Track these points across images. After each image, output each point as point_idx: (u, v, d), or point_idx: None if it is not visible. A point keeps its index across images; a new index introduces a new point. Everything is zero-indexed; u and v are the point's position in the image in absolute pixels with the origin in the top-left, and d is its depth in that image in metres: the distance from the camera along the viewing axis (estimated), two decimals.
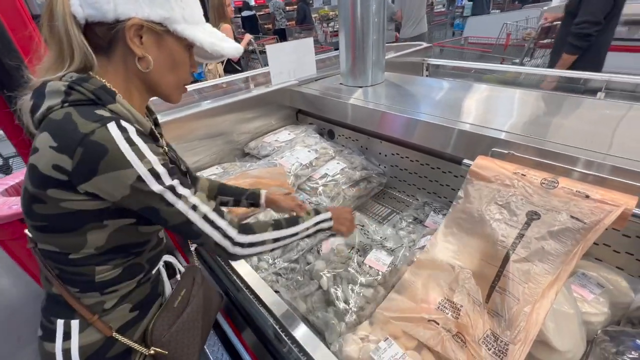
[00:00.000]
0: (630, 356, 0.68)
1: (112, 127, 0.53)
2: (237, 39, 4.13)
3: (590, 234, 0.74)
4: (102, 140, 0.52)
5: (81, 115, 0.53)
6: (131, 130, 0.55)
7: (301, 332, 0.79)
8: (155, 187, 0.56)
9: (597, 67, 2.21)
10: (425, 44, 2.66)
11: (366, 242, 1.11)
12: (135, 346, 0.71)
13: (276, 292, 0.97)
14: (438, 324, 0.75)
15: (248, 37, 4.06)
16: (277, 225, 0.74)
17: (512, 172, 0.90)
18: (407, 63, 2.46)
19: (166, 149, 0.75)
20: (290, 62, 1.84)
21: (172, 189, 0.58)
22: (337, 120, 1.69)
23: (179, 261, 0.92)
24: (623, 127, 1.03)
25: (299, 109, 1.96)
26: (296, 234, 0.78)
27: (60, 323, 0.66)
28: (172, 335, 0.76)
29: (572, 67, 2.23)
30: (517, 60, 3.46)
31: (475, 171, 0.96)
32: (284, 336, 0.81)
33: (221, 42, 0.64)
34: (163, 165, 0.58)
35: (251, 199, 1.03)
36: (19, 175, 1.88)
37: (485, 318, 0.76)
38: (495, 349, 0.70)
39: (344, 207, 0.92)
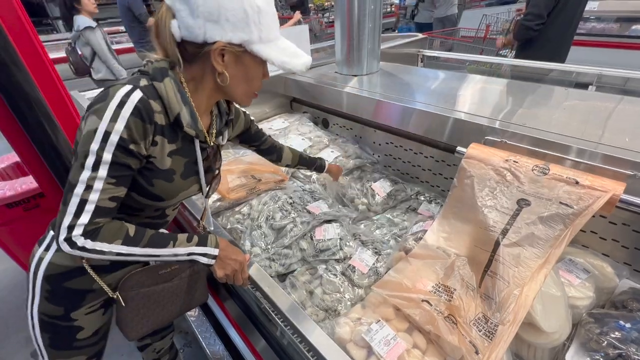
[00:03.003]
0: (613, 336, 0.70)
1: (126, 87, 0.61)
2: (284, 19, 4.23)
3: (579, 218, 0.76)
4: (111, 91, 0.61)
5: (131, 79, 0.65)
6: (132, 100, 0.61)
7: (293, 312, 0.79)
8: (94, 145, 0.59)
9: (550, 60, 2.32)
10: (420, 35, 2.66)
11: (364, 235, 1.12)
12: (102, 283, 0.77)
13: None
14: (431, 304, 0.76)
15: (298, 15, 4.10)
16: (133, 240, 0.67)
17: (504, 159, 0.91)
18: (402, 54, 2.45)
19: (213, 143, 0.80)
20: None
21: (98, 158, 0.59)
22: (332, 109, 1.68)
23: None
24: (613, 118, 1.05)
25: (293, 97, 1.95)
26: (157, 255, 0.71)
27: (50, 234, 0.77)
28: (139, 294, 0.81)
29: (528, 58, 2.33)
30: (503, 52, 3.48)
31: (468, 158, 0.97)
32: (274, 316, 0.81)
33: (291, 58, 0.69)
34: (121, 139, 0.60)
35: (318, 170, 1.26)
36: (4, 160, 1.83)
37: (477, 301, 0.77)
38: (485, 330, 0.72)
39: (240, 251, 0.83)
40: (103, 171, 0.60)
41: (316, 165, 1.24)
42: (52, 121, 1.11)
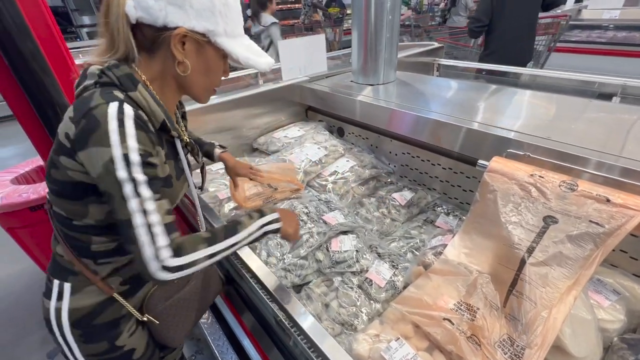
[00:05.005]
0: None
1: (112, 105, 0.56)
2: None
3: (611, 239, 0.72)
4: (98, 115, 0.55)
5: (100, 94, 0.58)
6: (129, 115, 0.56)
7: (308, 324, 0.77)
8: (120, 173, 0.54)
9: (501, 58, 2.72)
10: (436, 44, 2.64)
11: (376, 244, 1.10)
12: (131, 309, 0.77)
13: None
14: (453, 323, 0.74)
15: (408, 13, 4.82)
16: (212, 239, 0.66)
17: (529, 173, 0.88)
18: (417, 63, 2.44)
19: (187, 139, 0.78)
20: (301, 58, 1.83)
21: (134, 182, 0.55)
22: (347, 118, 1.68)
23: None
24: None
25: (308, 106, 1.95)
26: (237, 243, 0.70)
27: (56, 283, 0.73)
28: (166, 308, 0.82)
29: (486, 59, 2.82)
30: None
31: (491, 172, 0.94)
32: (288, 326, 0.80)
33: (256, 57, 0.68)
34: (141, 155, 0.56)
35: (207, 157, 1.13)
36: (28, 163, 1.88)
37: (502, 322, 0.74)
38: (511, 352, 0.69)
39: (289, 210, 0.87)
40: (145, 192, 0.56)
41: (204, 150, 1.11)
42: None
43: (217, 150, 1.12)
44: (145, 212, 0.56)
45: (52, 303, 0.72)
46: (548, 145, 0.96)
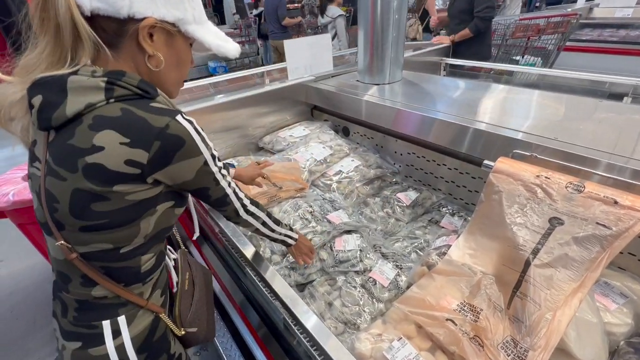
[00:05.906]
0: None
1: (181, 119, 0.56)
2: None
3: (618, 241, 0.71)
4: (178, 132, 0.55)
5: (142, 110, 0.54)
6: (194, 121, 0.59)
7: (312, 322, 0.78)
8: (212, 168, 0.65)
9: (487, 53, 2.79)
10: (443, 44, 2.63)
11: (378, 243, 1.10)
12: (173, 327, 0.76)
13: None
14: (456, 324, 0.74)
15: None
16: (268, 215, 0.88)
17: (535, 174, 0.87)
18: (424, 62, 2.43)
19: None
20: (307, 57, 1.83)
21: (219, 169, 0.68)
22: (353, 117, 1.68)
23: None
24: None
25: (314, 105, 1.95)
26: (273, 230, 0.90)
27: (106, 324, 0.65)
28: (193, 314, 0.83)
29: (467, 55, 2.56)
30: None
31: (496, 173, 0.93)
32: (293, 325, 0.81)
33: (225, 43, 0.68)
34: (214, 152, 0.65)
35: None
36: None
37: (506, 324, 0.74)
38: (514, 354, 0.68)
39: (308, 240, 1.04)
40: (224, 172, 0.71)
41: None
42: None
43: (232, 171, 1.19)
44: (229, 184, 0.73)
45: (110, 345, 0.64)
46: (555, 146, 0.95)
